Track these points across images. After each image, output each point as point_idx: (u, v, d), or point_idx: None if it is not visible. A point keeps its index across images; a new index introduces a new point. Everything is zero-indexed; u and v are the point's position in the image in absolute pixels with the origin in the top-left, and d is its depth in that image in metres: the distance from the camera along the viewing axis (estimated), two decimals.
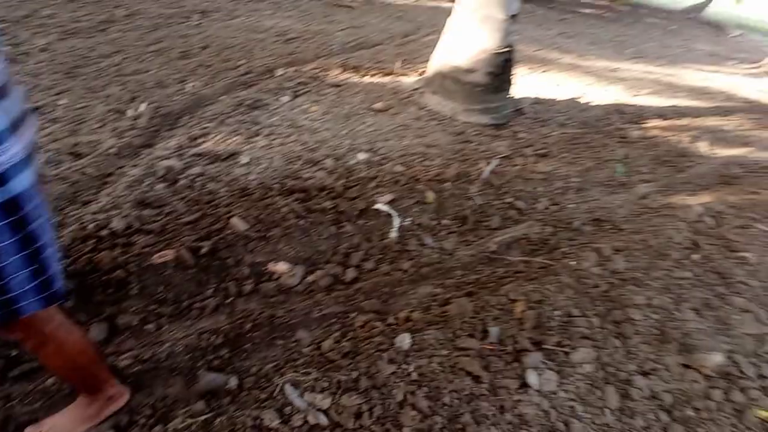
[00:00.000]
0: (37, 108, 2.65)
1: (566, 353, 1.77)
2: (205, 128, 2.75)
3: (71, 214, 1.93)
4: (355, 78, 4.11)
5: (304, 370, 1.48)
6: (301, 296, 1.90)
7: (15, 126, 0.82)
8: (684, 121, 4.85)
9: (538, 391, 1.59)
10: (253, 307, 1.79)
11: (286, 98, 3.41)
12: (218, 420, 1.32)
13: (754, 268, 2.58)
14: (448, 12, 4.13)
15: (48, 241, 0.94)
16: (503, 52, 3.38)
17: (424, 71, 4.43)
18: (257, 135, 2.80)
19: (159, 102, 2.99)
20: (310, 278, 1.97)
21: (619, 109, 4.71)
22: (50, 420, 1.26)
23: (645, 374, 1.77)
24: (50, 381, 1.37)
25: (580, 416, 1.57)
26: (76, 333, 1.13)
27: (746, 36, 15.44)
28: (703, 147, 4.26)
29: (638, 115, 4.69)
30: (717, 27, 15.72)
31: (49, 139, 2.39)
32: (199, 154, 2.48)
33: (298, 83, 3.72)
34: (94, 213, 1.95)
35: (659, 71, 7.16)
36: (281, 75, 3.87)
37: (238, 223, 2.02)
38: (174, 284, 1.76)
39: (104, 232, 1.86)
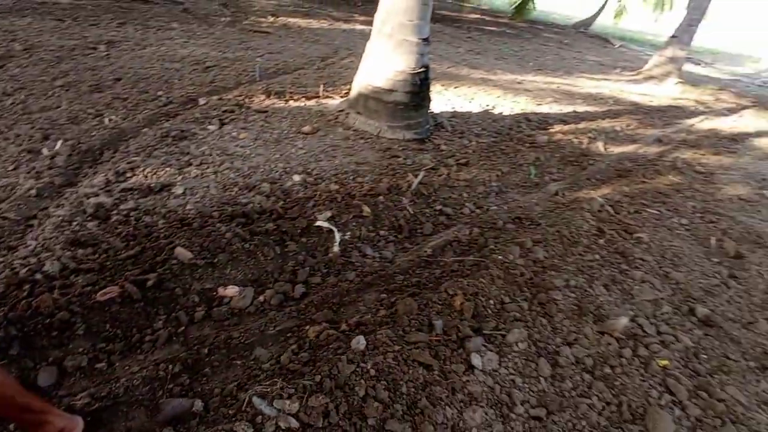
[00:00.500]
0: None
1: (503, 335, 1.97)
2: (131, 162, 2.70)
3: None
4: (280, 103, 4.20)
5: (268, 382, 1.54)
6: (254, 316, 1.95)
7: None
8: (582, 125, 5.47)
9: (482, 371, 1.78)
10: (208, 333, 1.81)
11: (213, 127, 3.42)
12: None
13: (648, 245, 3.00)
14: (361, 34, 4.34)
15: None
16: (419, 72, 3.66)
17: (347, 93, 4.63)
18: (189, 165, 2.80)
19: (76, 138, 2.88)
20: (261, 298, 2.03)
21: (527, 118, 5.21)
22: None
23: (569, 344, 2.02)
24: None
25: (520, 387, 1.77)
26: None
27: (627, 46, 17.56)
28: (600, 146, 4.83)
29: (544, 121, 5.22)
30: (604, 39, 17.72)
31: None
32: (129, 189, 2.44)
33: (224, 111, 3.74)
34: (24, 258, 1.87)
35: (558, 81, 7.97)
36: (205, 104, 3.86)
37: (183, 253, 2.03)
38: (122, 320, 1.74)
39: (38, 276, 1.79)
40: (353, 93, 3.96)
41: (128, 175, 2.57)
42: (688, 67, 13.39)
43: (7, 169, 2.44)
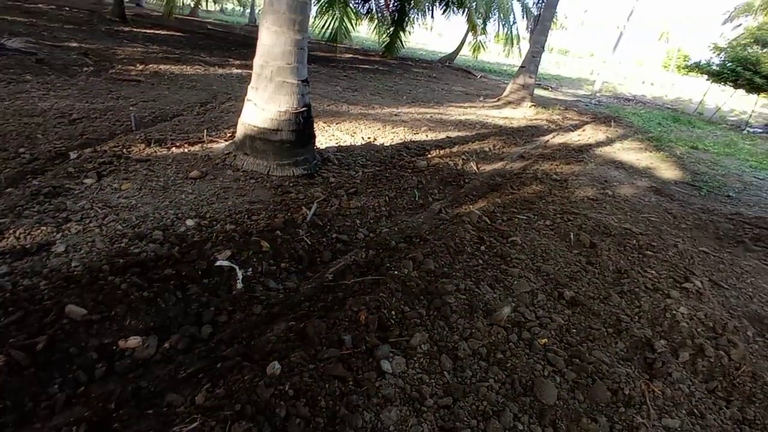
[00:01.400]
0: None
1: (407, 341, 2.18)
2: None
3: None
4: (162, 151, 4.10)
5: (187, 421, 1.54)
6: (161, 364, 1.91)
7: None
8: (456, 149, 6.11)
9: (392, 374, 1.95)
10: (112, 387, 1.74)
11: (90, 180, 3.25)
12: None
13: (521, 246, 3.48)
14: (238, 78, 4.40)
15: None
16: (302, 111, 3.88)
17: (231, 136, 4.67)
18: (68, 221, 2.64)
19: None
20: (167, 345, 2.00)
21: (406, 146, 5.69)
22: None
23: (465, 339, 2.29)
24: None
25: (428, 383, 1.98)
26: None
27: (487, 76, 19.85)
28: (473, 166, 5.45)
29: (422, 148, 5.75)
30: (466, 71, 19.83)
31: None
32: None
33: (100, 163, 3.57)
34: None
35: (431, 111, 8.79)
36: (77, 157, 3.64)
37: (74, 310, 1.92)
38: (11, 390, 1.61)
39: None
40: (239, 135, 4.03)
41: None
42: (539, 91, 15.59)
43: None
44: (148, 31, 14.69)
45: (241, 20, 27.56)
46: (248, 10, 28.57)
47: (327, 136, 5.52)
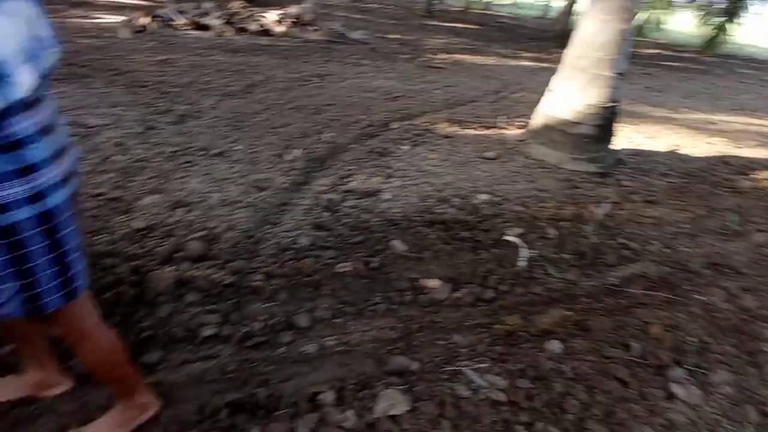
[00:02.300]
0: (220, 153, 3.31)
1: (705, 374, 1.90)
2: (349, 170, 3.26)
3: (268, 231, 2.43)
4: (461, 131, 4.55)
5: (477, 360, 1.76)
6: (451, 308, 2.20)
7: (55, 156, 1.00)
8: None
9: (684, 402, 1.75)
10: (414, 314, 2.12)
11: (406, 147, 3.90)
12: (416, 388, 1.63)
13: None
14: (529, 70, 4.39)
15: (73, 247, 1.08)
16: (610, 107, 3.67)
17: (523, 125, 4.80)
18: (391, 177, 3.26)
19: (307, 149, 3.57)
20: (456, 294, 2.28)
21: (724, 161, 4.74)
22: (88, 427, 1.38)
23: None
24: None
25: (725, 427, 1.69)
26: (109, 334, 1.27)
27: None
28: None
29: (746, 166, 4.69)
30: None
31: (237, 175, 2.99)
32: (349, 191, 2.96)
33: (414, 134, 4.22)
34: (285, 232, 2.43)
35: (762, 123, 7.01)
36: (397, 128, 4.40)
37: (398, 245, 2.40)
38: (352, 290, 2.15)
39: (296, 246, 2.32)
40: (534, 123, 4.12)
41: (347, 180, 3.11)
42: None
43: (265, 167, 3.16)
44: (450, 24, 16.23)
45: (530, 13, 27.41)
46: (542, 2, 28.16)
47: (623, 137, 5.07)
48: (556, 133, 3.83)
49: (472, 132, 4.53)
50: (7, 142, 0.90)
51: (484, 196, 3.12)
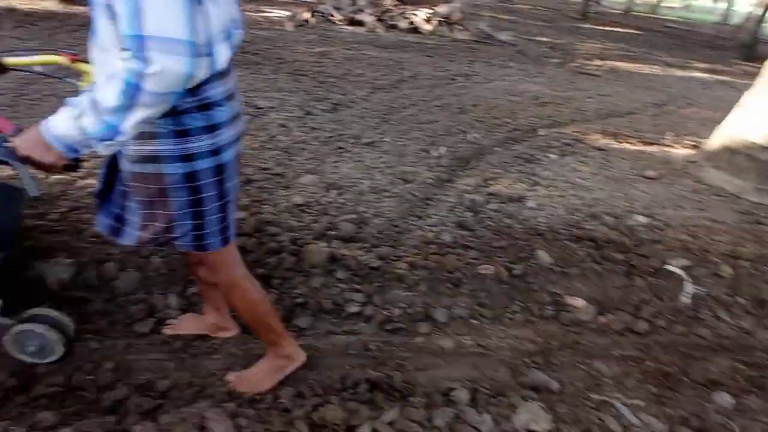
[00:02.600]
0: (370, 143, 3.48)
1: None
2: (493, 173, 3.19)
3: (413, 223, 2.50)
4: (616, 144, 4.18)
5: (628, 394, 1.61)
6: (595, 333, 2.05)
7: (233, 119, 1.15)
8: None
9: None
10: (555, 331, 2.01)
11: (554, 156, 3.69)
12: (558, 409, 1.55)
13: None
14: (702, 83, 3.77)
15: (232, 199, 1.24)
16: None
17: (693, 144, 4.25)
18: (537, 185, 3.11)
19: (451, 147, 3.58)
20: (602, 319, 2.11)
21: None
22: (241, 373, 1.56)
23: None
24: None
25: None
26: (256, 284, 1.42)
27: None
28: None
29: None
30: None
31: (385, 165, 3.12)
32: (492, 194, 2.90)
33: (563, 144, 3.98)
34: (429, 226, 2.48)
35: None
36: (544, 135, 4.19)
37: (544, 256, 2.30)
38: (491, 293, 2.11)
39: (439, 241, 2.35)
40: (711, 144, 3.61)
41: (491, 182, 3.05)
42: None
43: (411, 161, 3.24)
44: (606, 28, 14.96)
45: (706, 18, 23.98)
46: (723, 5, 24.44)
47: None
48: (741, 157, 3.30)
49: (630, 147, 4.13)
50: (203, 103, 1.06)
51: (641, 218, 2.82)
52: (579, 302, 2.14)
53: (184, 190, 1.12)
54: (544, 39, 10.79)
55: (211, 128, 1.09)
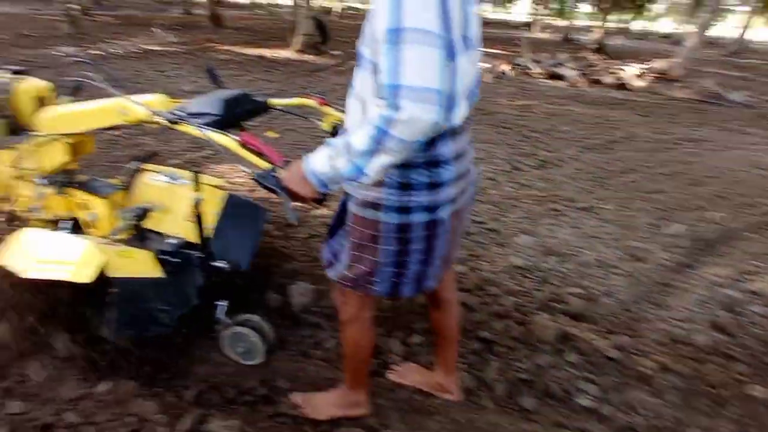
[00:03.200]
0: (587, 208, 3.21)
1: None
2: (753, 265, 2.62)
3: (651, 312, 2.16)
4: None
5: None
6: None
7: (457, 178, 1.12)
8: None
9: None
10: None
11: None
12: None
13: None
14: None
15: (439, 254, 1.20)
16: None
17: None
18: None
19: (690, 225, 3.08)
20: None
21: None
22: (311, 395, 1.59)
23: None
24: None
25: None
26: (373, 331, 1.42)
27: None
28: None
29: None
30: None
31: (609, 236, 2.83)
32: (755, 293, 2.36)
33: None
34: (674, 320, 2.11)
35: None
36: None
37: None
38: (764, 424, 1.65)
39: (691, 342, 1.97)
40: None
41: (749, 277, 2.50)
42: None
43: (640, 236, 2.88)
44: None
45: None
46: None
47: None
48: None
49: None
50: (431, 161, 1.07)
51: None
52: None
53: (394, 240, 1.14)
54: None
55: (433, 185, 1.10)
